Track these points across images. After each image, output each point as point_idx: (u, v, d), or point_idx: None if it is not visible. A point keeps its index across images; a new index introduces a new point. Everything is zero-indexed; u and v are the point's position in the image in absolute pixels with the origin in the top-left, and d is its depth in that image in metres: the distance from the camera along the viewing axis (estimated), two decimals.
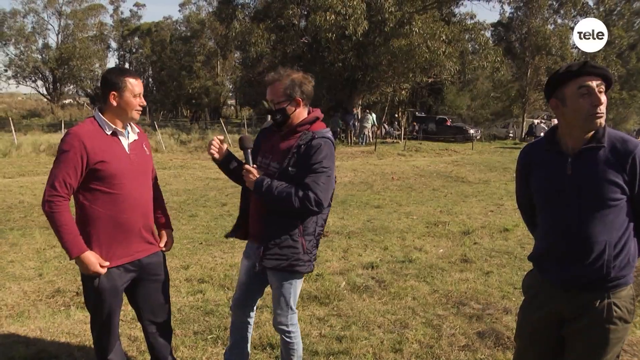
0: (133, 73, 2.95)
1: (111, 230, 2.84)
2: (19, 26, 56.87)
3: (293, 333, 3.19)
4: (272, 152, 3.04)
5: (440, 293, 5.20)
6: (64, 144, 2.74)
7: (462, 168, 17.80)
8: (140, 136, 3.06)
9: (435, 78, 31.48)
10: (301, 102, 2.98)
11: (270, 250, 2.94)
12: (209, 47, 57.74)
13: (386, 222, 8.66)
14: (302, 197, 2.81)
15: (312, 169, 2.85)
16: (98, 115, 2.87)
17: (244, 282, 3.24)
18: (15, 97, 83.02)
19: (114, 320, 3.03)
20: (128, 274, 2.97)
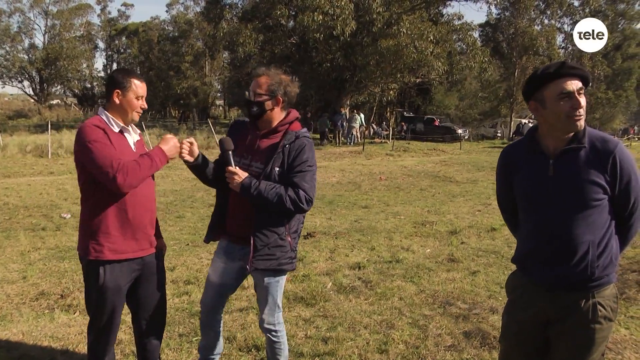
0: (139, 76, 2.98)
1: (120, 224, 2.86)
2: (4, 26, 56.43)
3: (280, 332, 3.21)
4: (252, 152, 3.03)
5: (426, 293, 5.19)
6: (90, 135, 2.75)
7: (450, 168, 17.87)
8: (141, 137, 3.13)
9: (423, 78, 31.58)
10: (281, 103, 2.99)
11: (260, 252, 2.93)
12: (197, 47, 57.62)
13: (373, 222, 8.65)
14: (294, 197, 2.85)
15: (298, 168, 2.89)
16: (104, 113, 2.92)
17: (218, 283, 3.21)
18: (2, 98, 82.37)
19: (115, 321, 3.00)
20: (132, 272, 2.97)
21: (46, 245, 7.23)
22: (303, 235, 7.67)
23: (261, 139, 3.04)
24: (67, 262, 6.26)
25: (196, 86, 54.01)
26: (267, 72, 3.00)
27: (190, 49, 57.69)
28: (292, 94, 3.03)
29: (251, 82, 3.03)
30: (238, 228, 3.07)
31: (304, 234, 7.76)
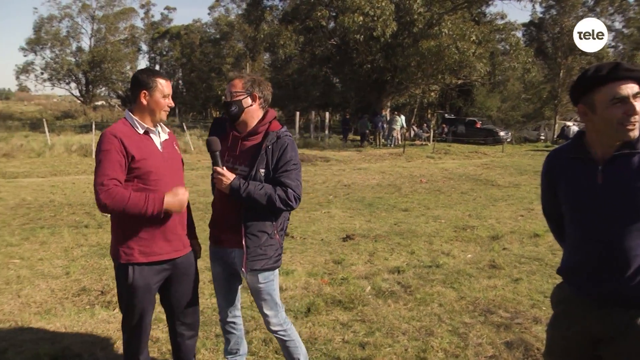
0: (163, 74, 2.99)
1: (150, 226, 2.85)
2: (54, 31, 58.34)
3: (289, 330, 3.23)
4: (235, 155, 3.07)
5: (467, 300, 5.07)
6: (104, 144, 2.76)
7: (492, 171, 17.55)
8: (170, 136, 3.12)
9: (464, 79, 31.16)
10: (257, 99, 3.04)
11: (253, 253, 2.99)
12: (238, 49, 58.20)
13: (413, 226, 8.55)
14: (283, 196, 2.90)
15: (284, 167, 2.95)
16: (129, 116, 2.92)
17: (221, 286, 3.30)
18: (51, 99, 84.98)
19: (146, 320, 3.02)
20: (162, 272, 2.98)
21: (88, 242, 7.37)
22: (342, 238, 7.63)
23: (242, 141, 3.07)
24: (108, 259, 6.34)
25: None
26: (239, 74, 3.08)
27: (231, 51, 58.33)
28: (267, 92, 3.10)
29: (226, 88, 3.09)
30: (223, 231, 3.11)
31: (343, 236, 7.72)
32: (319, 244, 7.31)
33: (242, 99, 2.99)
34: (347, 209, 10.14)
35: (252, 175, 2.93)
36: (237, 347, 3.45)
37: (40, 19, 58.22)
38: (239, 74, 3.07)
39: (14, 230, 8.11)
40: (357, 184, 14.22)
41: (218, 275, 3.27)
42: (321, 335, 4.19)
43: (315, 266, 6.22)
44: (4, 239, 7.47)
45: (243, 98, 2.99)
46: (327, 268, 6.16)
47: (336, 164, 19.77)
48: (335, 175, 15.91)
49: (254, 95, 3.02)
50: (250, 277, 3.06)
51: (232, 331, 3.39)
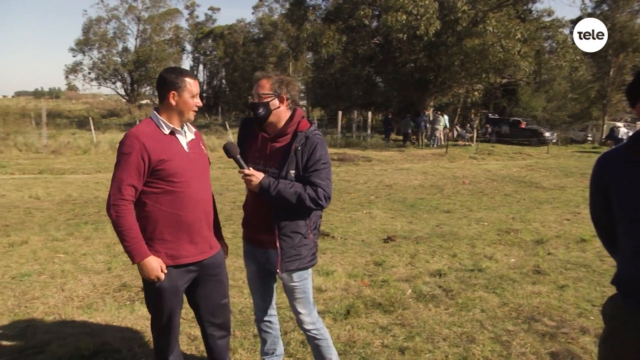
0: (191, 73, 2.95)
1: (175, 229, 2.85)
2: (102, 32, 60.32)
3: (322, 329, 3.24)
4: (264, 157, 3.05)
5: (510, 306, 4.96)
6: (124, 146, 2.75)
7: (537, 173, 17.20)
8: (196, 135, 3.08)
9: (509, 78, 30.63)
10: (285, 100, 3.00)
11: (287, 253, 2.98)
12: (281, 48, 58.55)
13: (456, 228, 8.45)
14: (313, 195, 2.88)
15: (313, 167, 2.92)
16: (155, 116, 2.90)
17: (256, 285, 3.32)
18: (97, 98, 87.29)
19: (174, 321, 3.04)
20: (189, 274, 2.98)
21: None
22: (383, 239, 7.60)
23: (271, 143, 3.04)
24: None
25: None
26: (266, 74, 3.03)
27: (274, 50, 58.72)
28: (294, 92, 3.05)
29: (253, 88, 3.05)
30: (257, 232, 3.11)
31: (384, 237, 7.69)
32: (359, 245, 7.30)
33: (269, 100, 2.96)
34: (388, 210, 10.09)
35: (282, 177, 2.92)
36: (273, 347, 3.47)
37: (89, 21, 60.43)
38: (266, 74, 3.03)
39: (59, 225, 8.37)
40: (399, 184, 14.13)
41: (252, 274, 3.29)
42: (360, 338, 4.17)
43: (355, 267, 6.21)
44: (50, 233, 7.72)
45: (271, 100, 2.96)
46: (368, 269, 6.14)
47: (378, 164, 19.69)
48: (377, 176, 15.84)
49: (282, 97, 2.98)
50: (285, 276, 3.07)
51: (268, 331, 3.42)
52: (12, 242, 7.14)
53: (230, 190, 12.30)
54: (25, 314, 4.73)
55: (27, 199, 10.89)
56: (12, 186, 12.48)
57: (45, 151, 20.68)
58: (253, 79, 3.07)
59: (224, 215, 9.28)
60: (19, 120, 33.19)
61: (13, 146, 20.89)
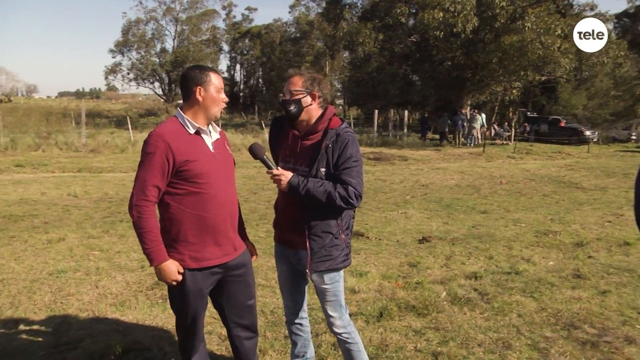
0: (214, 69, 2.91)
1: (199, 231, 2.81)
2: (140, 33, 61.66)
3: (353, 332, 3.16)
4: (294, 155, 3.00)
5: (548, 312, 4.78)
6: (149, 146, 2.70)
7: (577, 173, 16.79)
8: (221, 135, 3.03)
9: (549, 76, 29.99)
10: (316, 98, 2.95)
11: (317, 254, 2.93)
12: (318, 47, 58.70)
13: (492, 229, 8.27)
14: (343, 193, 2.81)
15: (344, 164, 2.85)
16: (180, 115, 2.84)
17: (286, 286, 3.28)
18: (136, 98, 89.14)
19: (199, 323, 3.02)
20: (213, 276, 2.93)
21: None
22: (418, 240, 7.49)
23: (302, 141, 2.99)
24: None
25: None
26: (298, 71, 2.99)
27: (310, 49, 58.88)
28: (326, 90, 3.00)
29: (283, 86, 3.01)
30: (287, 232, 3.07)
31: (419, 238, 7.58)
32: (394, 246, 7.20)
33: (301, 98, 2.91)
34: (424, 210, 9.96)
35: (313, 175, 2.86)
36: (304, 350, 3.42)
37: (128, 23, 62.04)
38: (298, 71, 2.99)
39: (95, 222, 8.51)
40: (435, 184, 13.96)
41: (283, 275, 3.25)
42: (393, 342, 4.09)
43: (389, 268, 6.12)
44: (86, 231, 7.85)
45: (302, 97, 2.92)
46: (402, 271, 6.04)
47: (414, 163, 19.51)
48: (413, 175, 15.69)
49: (314, 94, 2.94)
50: (315, 278, 3.02)
51: (298, 333, 3.37)
52: (50, 239, 7.27)
53: (265, 189, 12.32)
54: (60, 310, 4.81)
55: (66, 196, 11.11)
56: (52, 184, 12.76)
57: (84, 150, 21.11)
58: (284, 76, 3.04)
59: (258, 214, 9.30)
60: (61, 120, 34.05)
61: (54, 145, 21.39)
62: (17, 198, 10.75)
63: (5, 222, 8.44)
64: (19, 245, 7.03)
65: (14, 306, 4.88)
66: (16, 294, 5.19)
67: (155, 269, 2.77)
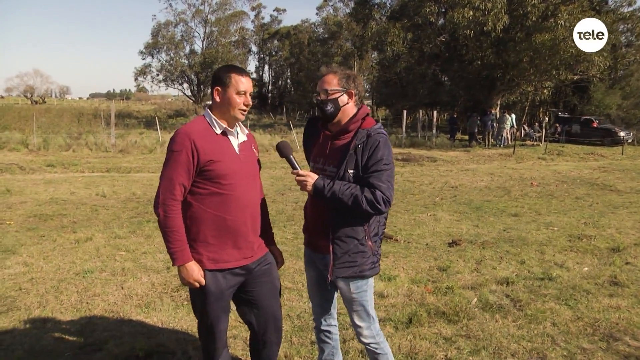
0: (242, 70, 2.83)
1: (219, 232, 2.77)
2: (170, 35, 62.52)
3: (382, 343, 3.04)
4: (325, 155, 2.90)
5: (585, 321, 4.58)
6: (174, 144, 2.69)
7: (611, 175, 16.36)
8: (249, 137, 2.98)
9: (581, 75, 29.34)
10: (353, 96, 2.85)
11: (340, 259, 2.81)
12: (346, 48, 58.66)
13: (524, 233, 8.06)
14: (370, 198, 2.67)
15: (374, 167, 2.72)
16: (208, 114, 2.82)
17: (315, 292, 3.18)
18: (165, 99, 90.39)
19: (220, 326, 2.94)
20: (235, 277, 2.87)
21: None
22: (447, 243, 7.34)
23: (333, 141, 2.88)
24: None
25: None
26: (332, 69, 2.88)
27: (339, 50, 58.81)
28: (361, 87, 2.90)
29: (317, 85, 2.90)
30: (316, 237, 2.96)
31: (449, 241, 7.43)
32: (423, 249, 7.06)
33: (338, 97, 2.82)
34: (453, 212, 9.79)
35: (341, 176, 2.76)
36: (331, 357, 3.33)
37: (158, 25, 62.80)
38: (332, 69, 2.89)
39: (122, 222, 8.55)
40: (465, 185, 13.75)
41: (311, 281, 3.16)
42: (422, 349, 3.97)
43: (418, 272, 5.99)
44: (113, 230, 7.88)
45: (339, 96, 2.82)
46: (432, 275, 5.91)
47: (443, 164, 19.28)
48: (442, 176, 15.49)
49: (350, 92, 2.84)
50: (341, 285, 2.92)
51: (326, 340, 3.27)
52: (78, 239, 7.32)
53: (292, 190, 12.27)
54: (86, 310, 4.81)
55: (94, 196, 11.21)
56: (82, 184, 12.90)
57: (113, 150, 21.36)
58: (317, 74, 2.94)
59: (285, 216, 9.24)
60: (92, 120, 34.58)
61: (84, 145, 21.70)
62: (47, 197, 10.88)
63: (36, 221, 8.53)
64: (48, 244, 7.09)
65: (42, 305, 4.91)
66: (44, 293, 5.23)
67: (178, 269, 2.75)
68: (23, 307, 4.86)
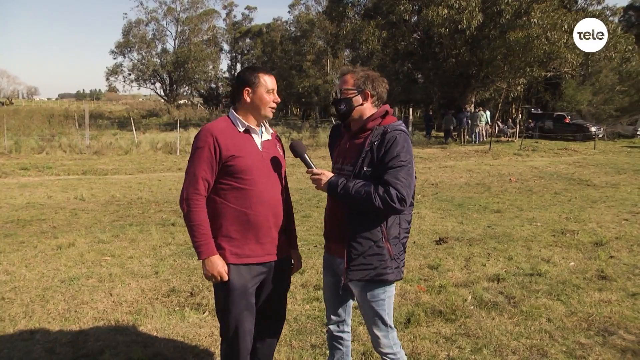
0: (267, 70, 2.92)
1: (242, 226, 2.79)
2: (141, 34, 61.73)
3: (399, 353, 2.93)
4: (343, 154, 2.89)
5: (579, 316, 4.61)
6: (198, 141, 2.76)
7: (586, 169, 16.64)
8: (274, 137, 3.03)
9: (554, 72, 29.67)
10: (369, 97, 2.81)
11: (354, 261, 2.72)
12: (319, 46, 58.60)
13: (508, 229, 8.12)
14: (383, 195, 2.58)
15: (390, 163, 2.63)
16: (232, 114, 2.89)
17: (330, 298, 3.10)
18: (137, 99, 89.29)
19: (245, 325, 2.87)
20: (258, 275, 2.88)
21: (176, 240, 7.46)
22: (435, 241, 7.35)
23: (352, 140, 2.86)
24: (196, 259, 6.30)
25: (318, 84, 54.82)
26: (352, 69, 2.87)
27: (311, 48, 58.76)
28: (381, 89, 2.85)
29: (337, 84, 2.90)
30: (332, 239, 2.93)
31: (436, 239, 7.44)
32: (411, 247, 7.05)
33: (352, 97, 2.79)
34: (437, 210, 9.82)
35: (356, 174, 2.70)
36: None
37: (129, 23, 62.14)
38: (352, 69, 2.87)
39: (104, 226, 8.39)
40: (445, 182, 13.83)
41: (328, 285, 3.08)
42: (424, 350, 3.95)
43: (410, 271, 5.98)
44: (95, 235, 7.72)
45: (353, 96, 2.79)
46: (422, 274, 5.91)
47: (421, 161, 19.37)
48: (421, 174, 15.54)
49: (366, 93, 2.80)
50: (354, 289, 2.84)
51: (338, 347, 3.16)
52: (60, 245, 7.15)
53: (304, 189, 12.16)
54: (75, 319, 4.67)
55: (73, 199, 11.00)
56: (58, 187, 12.66)
57: (88, 152, 21.02)
58: (339, 73, 2.95)
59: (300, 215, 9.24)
60: (63, 121, 34.00)
61: (58, 147, 21.31)
62: (23, 202, 10.63)
63: (13, 227, 8.32)
64: (29, 251, 6.90)
65: (28, 315, 4.75)
66: (29, 302, 5.06)
67: (203, 263, 2.77)
68: (7, 317, 4.69)
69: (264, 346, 3.12)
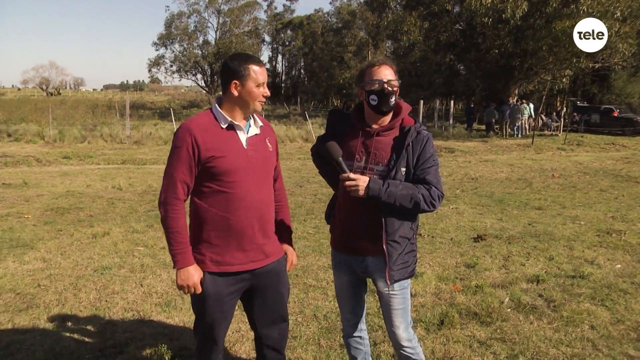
0: (257, 60, 2.64)
1: (223, 232, 2.60)
2: (183, 26, 62.73)
3: (417, 347, 2.88)
4: (368, 154, 2.69)
5: (626, 324, 4.33)
6: (176, 139, 2.55)
7: (635, 166, 15.99)
8: (263, 130, 2.77)
9: (603, 63, 28.63)
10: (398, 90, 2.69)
11: (396, 262, 2.66)
12: (360, 37, 58.33)
13: (550, 227, 7.83)
14: (427, 194, 2.57)
15: (425, 164, 2.63)
16: (215, 108, 2.64)
17: (346, 297, 2.97)
18: (179, 90, 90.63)
19: (216, 331, 2.75)
20: (238, 283, 2.69)
21: None
22: (473, 238, 7.15)
23: (376, 137, 2.68)
24: None
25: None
26: (387, 60, 2.71)
27: (353, 40, 58.54)
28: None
29: (372, 73, 2.66)
30: (353, 238, 2.75)
31: (474, 236, 7.24)
32: (448, 244, 6.87)
33: (397, 89, 2.65)
34: (476, 205, 9.57)
35: (392, 175, 2.58)
36: None
37: (171, 16, 63.14)
38: (386, 60, 2.71)
39: (140, 216, 8.45)
40: (485, 177, 13.50)
41: (344, 285, 2.94)
42: (457, 354, 3.79)
43: (445, 269, 5.80)
44: (130, 225, 7.78)
45: (398, 89, 2.66)
46: (459, 272, 5.72)
47: (461, 155, 19.01)
48: (461, 168, 15.24)
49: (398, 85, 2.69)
50: (384, 286, 2.74)
51: (358, 347, 3.07)
52: (95, 234, 7.21)
53: (311, 182, 12.11)
54: (105, 309, 4.69)
55: (110, 189, 11.13)
56: (97, 176, 12.85)
57: (128, 142, 21.29)
58: (374, 62, 2.70)
59: (304, 209, 9.10)
60: (106, 112, 34.55)
61: (99, 137, 21.66)
62: (64, 190, 10.81)
63: (53, 215, 8.45)
64: (66, 239, 6.99)
65: (61, 303, 4.81)
66: (62, 290, 5.12)
67: (177, 272, 2.60)
68: (42, 304, 4.76)
69: (272, 352, 2.97)
